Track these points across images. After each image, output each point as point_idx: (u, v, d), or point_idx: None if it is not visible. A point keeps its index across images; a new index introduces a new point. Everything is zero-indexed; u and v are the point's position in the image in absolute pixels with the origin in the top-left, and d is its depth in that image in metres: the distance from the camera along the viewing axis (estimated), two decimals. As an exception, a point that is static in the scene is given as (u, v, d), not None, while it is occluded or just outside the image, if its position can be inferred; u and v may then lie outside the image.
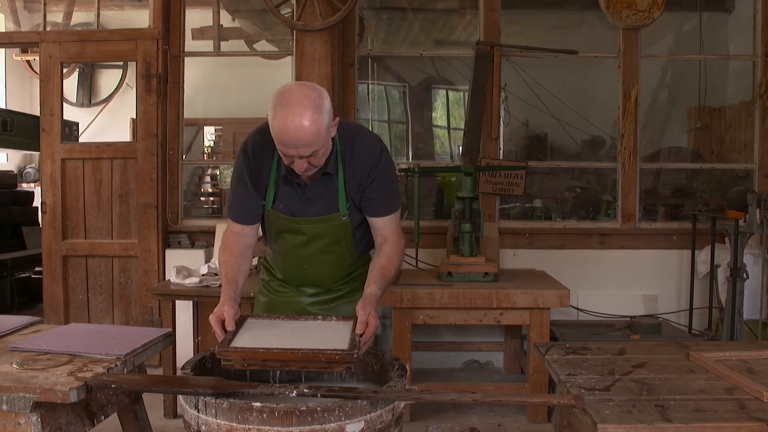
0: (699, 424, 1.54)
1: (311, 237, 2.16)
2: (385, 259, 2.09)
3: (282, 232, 2.20)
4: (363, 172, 2.08)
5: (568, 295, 3.56)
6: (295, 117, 1.82)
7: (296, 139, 1.84)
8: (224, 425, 1.58)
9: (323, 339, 1.79)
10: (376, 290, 1.97)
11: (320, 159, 1.96)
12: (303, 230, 2.15)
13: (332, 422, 1.56)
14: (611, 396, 1.72)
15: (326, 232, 2.15)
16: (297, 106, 1.83)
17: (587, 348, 2.19)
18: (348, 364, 1.68)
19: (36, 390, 1.69)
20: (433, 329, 4.58)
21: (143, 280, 4.52)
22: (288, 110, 1.83)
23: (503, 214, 4.85)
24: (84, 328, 2.37)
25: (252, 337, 1.83)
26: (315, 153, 1.90)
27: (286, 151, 1.90)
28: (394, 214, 2.16)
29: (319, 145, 1.88)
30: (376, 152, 2.11)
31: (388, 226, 2.15)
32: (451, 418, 3.74)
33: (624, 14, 4.47)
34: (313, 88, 1.90)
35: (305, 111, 1.82)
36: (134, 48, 4.52)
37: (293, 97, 1.85)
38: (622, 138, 4.61)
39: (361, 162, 2.08)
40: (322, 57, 4.01)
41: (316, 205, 2.11)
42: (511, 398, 1.65)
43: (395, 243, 2.13)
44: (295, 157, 1.89)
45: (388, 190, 2.14)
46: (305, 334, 1.85)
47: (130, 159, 4.56)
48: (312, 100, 1.85)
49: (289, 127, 1.83)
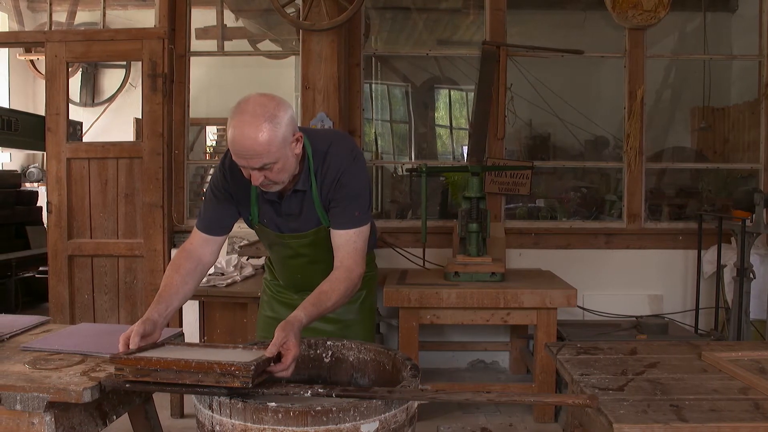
0: (715, 424, 1.54)
1: (298, 251, 2.16)
2: (328, 285, 1.91)
3: (272, 245, 2.21)
4: (332, 181, 2.01)
5: (575, 295, 3.55)
6: (246, 126, 1.76)
7: (246, 149, 1.77)
8: (239, 425, 1.57)
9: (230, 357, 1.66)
10: (302, 316, 1.78)
11: (277, 174, 1.86)
12: (289, 244, 2.14)
13: (347, 422, 1.55)
14: (625, 396, 1.72)
15: (313, 246, 2.13)
16: (250, 115, 1.77)
17: (599, 348, 2.19)
18: (245, 379, 1.55)
19: (50, 390, 1.68)
20: (438, 329, 4.58)
21: (149, 279, 4.52)
22: (240, 119, 1.77)
23: (507, 214, 4.85)
24: (94, 327, 2.37)
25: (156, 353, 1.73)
26: (268, 166, 1.82)
27: (238, 162, 1.84)
28: (356, 231, 2.01)
29: (271, 158, 1.80)
30: (346, 161, 2.01)
31: (345, 245, 1.99)
32: (457, 417, 3.74)
33: (630, 14, 4.46)
34: (271, 98, 1.83)
35: (256, 120, 1.76)
36: (140, 48, 4.52)
37: (248, 106, 1.79)
38: (628, 138, 4.60)
39: (331, 171, 2.00)
40: (328, 57, 4.01)
41: (295, 221, 2.09)
42: (526, 398, 1.65)
43: (348, 270, 1.96)
44: (249, 168, 1.83)
45: (352, 202, 2.01)
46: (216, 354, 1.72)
47: (135, 159, 4.56)
48: (267, 110, 1.78)
49: (239, 136, 1.77)
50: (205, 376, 1.59)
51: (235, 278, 3.73)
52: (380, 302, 3.31)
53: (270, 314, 2.36)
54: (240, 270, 3.85)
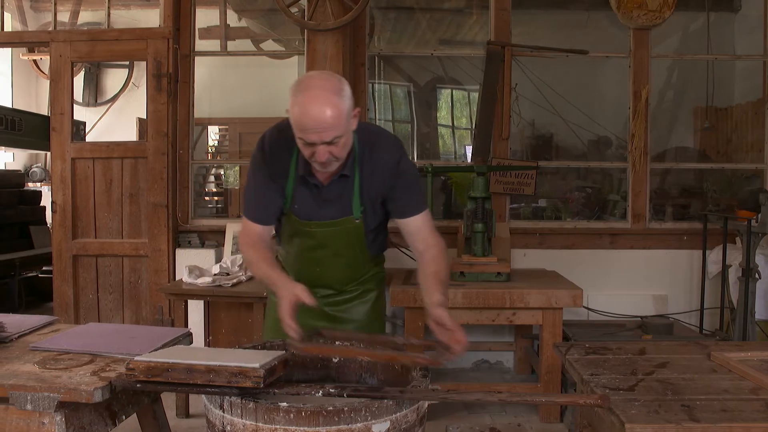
0: (726, 424, 1.54)
1: (323, 241, 2.15)
2: (435, 265, 2.00)
3: (295, 235, 2.19)
4: (383, 174, 2.06)
5: (581, 295, 3.55)
6: (317, 100, 1.80)
7: (318, 122, 1.80)
8: (250, 425, 1.57)
9: (237, 358, 1.69)
10: (442, 297, 1.86)
11: (341, 150, 1.90)
12: (315, 234, 2.14)
13: (359, 422, 1.55)
14: (636, 396, 1.72)
15: (339, 236, 2.14)
16: (318, 89, 1.81)
17: (607, 348, 2.19)
18: (257, 379, 1.58)
19: (60, 390, 1.68)
20: (442, 329, 4.57)
21: (153, 279, 4.52)
22: (309, 94, 1.81)
23: (511, 215, 4.84)
24: (102, 327, 2.37)
25: (167, 354, 1.76)
26: (336, 141, 1.85)
27: (307, 138, 1.84)
28: (425, 213, 2.12)
29: (340, 130, 1.84)
30: (396, 154, 2.08)
31: (422, 227, 2.09)
32: (463, 417, 3.74)
33: (635, 14, 4.46)
34: (332, 74, 1.92)
35: (326, 94, 1.80)
36: (145, 47, 4.51)
37: (314, 81, 1.85)
38: (633, 138, 4.59)
39: (381, 164, 2.05)
40: (333, 56, 4.00)
41: (331, 208, 2.10)
42: (537, 398, 1.65)
43: (437, 246, 2.07)
44: (317, 144, 1.84)
45: (414, 188, 2.11)
46: (223, 356, 1.75)
47: (140, 158, 4.56)
48: (332, 84, 1.84)
49: (310, 110, 1.80)
50: (216, 376, 1.59)
51: (240, 278, 3.73)
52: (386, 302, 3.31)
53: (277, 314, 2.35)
54: (245, 270, 3.85)
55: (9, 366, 1.85)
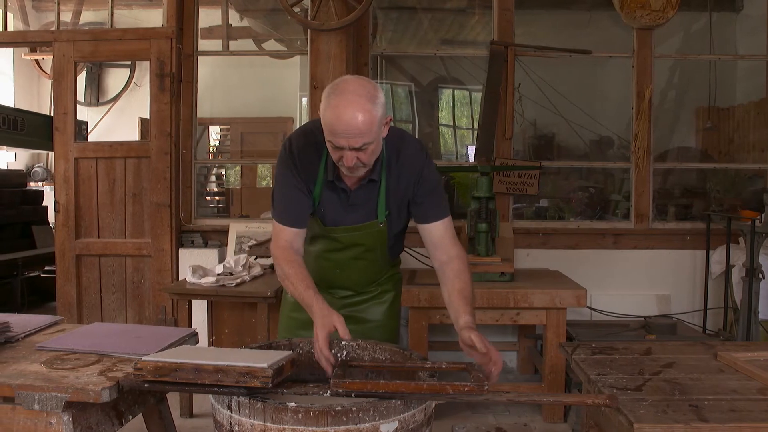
0: (735, 424, 1.54)
1: (346, 244, 2.15)
2: (459, 282, 1.98)
3: (317, 237, 2.19)
4: (410, 178, 2.05)
5: (585, 295, 3.55)
6: (350, 105, 1.79)
7: (349, 128, 1.79)
8: (258, 425, 1.57)
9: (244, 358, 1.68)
10: (471, 318, 1.87)
11: (369, 156, 1.89)
12: (339, 238, 2.14)
13: (367, 422, 1.55)
14: (644, 396, 1.72)
15: (362, 240, 2.13)
16: (352, 94, 1.80)
17: (614, 348, 2.19)
18: (265, 379, 1.57)
19: (68, 390, 1.68)
20: (445, 329, 4.56)
21: (157, 279, 4.52)
22: (343, 98, 1.80)
23: (514, 215, 4.84)
24: (108, 327, 2.37)
25: (175, 354, 1.76)
26: (365, 147, 1.84)
27: (336, 142, 1.83)
28: (448, 219, 2.09)
29: (370, 137, 1.83)
30: (422, 158, 2.08)
31: (444, 235, 2.07)
32: (467, 417, 3.73)
33: (638, 14, 4.45)
34: (368, 80, 1.89)
35: (360, 99, 1.79)
36: (148, 47, 4.51)
37: (349, 86, 1.83)
38: (636, 138, 4.59)
39: (408, 168, 2.05)
40: (336, 56, 4.00)
41: (358, 213, 2.09)
42: (545, 398, 1.65)
43: (460, 259, 2.04)
44: (346, 149, 1.84)
45: (437, 194, 2.09)
46: (231, 356, 1.73)
47: (143, 158, 4.56)
48: (367, 91, 1.82)
49: (342, 114, 1.79)
50: (224, 375, 1.59)
51: (244, 278, 3.73)
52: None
53: (295, 315, 2.31)
54: (249, 270, 3.85)
55: (16, 366, 1.85)
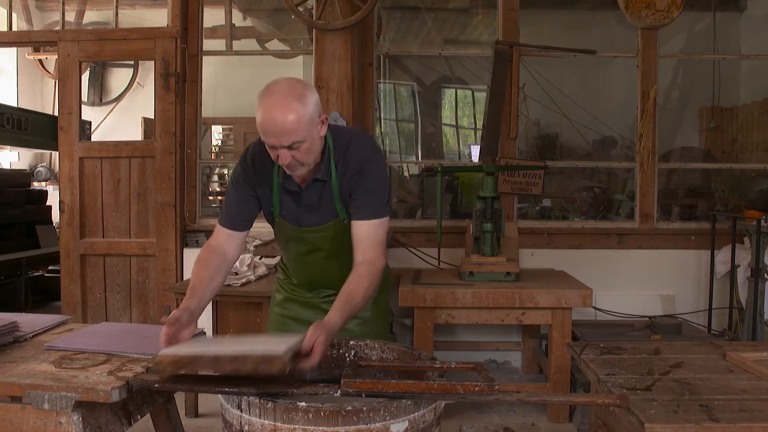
0: (746, 424, 1.53)
1: (315, 246, 2.16)
2: (354, 284, 1.94)
3: (288, 241, 2.21)
4: (353, 173, 2.04)
5: (590, 295, 3.55)
6: (276, 105, 1.84)
7: (277, 127, 1.84)
8: (268, 425, 1.57)
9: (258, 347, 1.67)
10: (336, 318, 1.81)
11: (305, 155, 1.92)
12: (307, 239, 2.15)
13: (377, 422, 1.55)
14: (654, 396, 1.71)
15: (329, 239, 2.14)
16: (280, 94, 1.85)
17: (622, 348, 2.18)
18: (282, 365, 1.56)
19: (78, 389, 1.68)
20: (450, 329, 4.58)
21: (161, 279, 4.52)
22: (270, 99, 1.85)
23: (518, 214, 4.84)
24: (115, 327, 2.37)
25: (189, 346, 1.77)
26: (296, 146, 1.88)
27: (268, 141, 1.90)
28: (378, 222, 2.03)
29: (300, 136, 1.87)
30: (368, 152, 2.07)
31: (366, 237, 2.02)
32: (471, 417, 3.73)
33: (643, 14, 4.45)
34: (298, 80, 1.93)
35: (287, 99, 1.84)
36: (153, 47, 4.52)
37: (278, 87, 1.88)
38: (641, 138, 4.58)
39: (352, 163, 2.05)
40: (342, 56, 4.00)
41: (315, 214, 2.11)
42: (556, 398, 1.65)
43: (370, 264, 1.98)
44: (278, 148, 1.89)
45: (374, 193, 2.04)
46: (246, 343, 1.75)
47: (148, 158, 4.56)
48: (296, 91, 1.86)
49: (269, 114, 1.84)
50: (242, 364, 1.60)
51: (249, 278, 3.73)
52: (393, 302, 3.31)
53: (283, 312, 2.37)
54: (254, 269, 3.85)
55: (25, 365, 1.85)
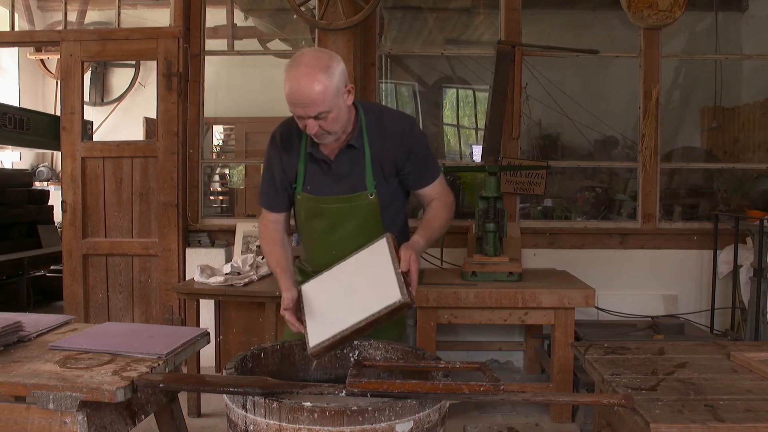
0: (752, 424, 1.54)
1: (337, 220, 2.15)
2: (431, 213, 2.16)
3: (310, 218, 2.20)
4: (394, 143, 2.11)
5: (593, 295, 3.55)
6: (303, 76, 1.89)
7: (303, 98, 1.90)
8: (273, 425, 1.57)
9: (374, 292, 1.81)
10: (418, 238, 2.02)
11: (332, 124, 1.97)
12: (329, 212, 2.15)
13: (382, 422, 1.55)
14: (659, 396, 1.71)
15: (353, 215, 2.14)
16: (306, 66, 1.91)
17: (626, 348, 2.18)
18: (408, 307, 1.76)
19: (83, 389, 1.68)
20: (452, 329, 4.57)
21: (163, 278, 4.52)
22: (297, 70, 1.91)
23: (520, 215, 4.84)
24: (120, 327, 2.37)
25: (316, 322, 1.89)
26: (324, 115, 1.93)
27: (295, 111, 1.96)
28: (440, 177, 2.23)
29: (326, 106, 1.92)
30: (406, 124, 2.16)
31: (435, 189, 2.21)
32: (474, 417, 3.73)
33: (645, 14, 4.45)
34: (324, 51, 1.99)
35: (313, 71, 1.89)
36: (155, 47, 4.52)
37: (304, 58, 1.94)
38: (643, 138, 4.58)
39: (392, 134, 2.11)
40: (344, 56, 3.97)
41: (344, 183, 2.12)
42: (561, 398, 1.65)
43: (441, 199, 2.19)
44: (305, 118, 1.94)
45: (428, 158, 2.20)
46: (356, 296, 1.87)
47: (150, 158, 4.56)
48: (321, 62, 1.92)
49: (296, 85, 1.90)
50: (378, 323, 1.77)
51: (252, 278, 3.73)
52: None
53: None
54: (256, 269, 3.85)
55: (30, 365, 1.85)
